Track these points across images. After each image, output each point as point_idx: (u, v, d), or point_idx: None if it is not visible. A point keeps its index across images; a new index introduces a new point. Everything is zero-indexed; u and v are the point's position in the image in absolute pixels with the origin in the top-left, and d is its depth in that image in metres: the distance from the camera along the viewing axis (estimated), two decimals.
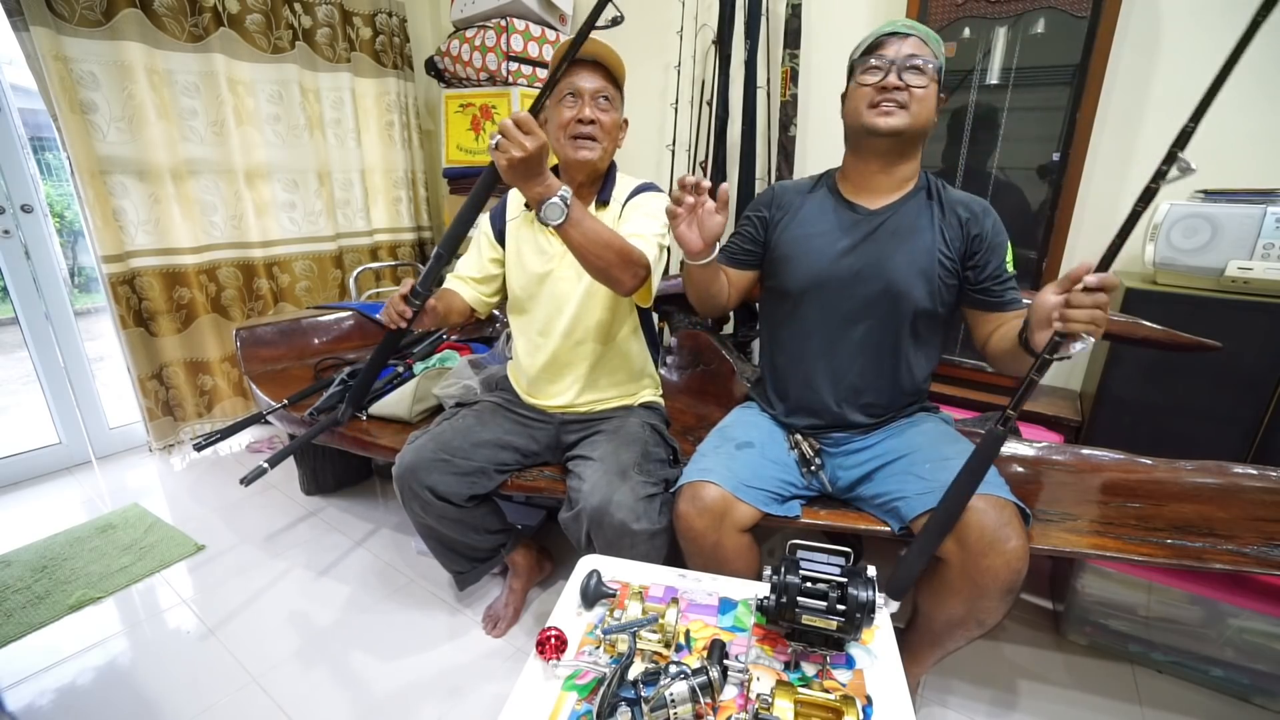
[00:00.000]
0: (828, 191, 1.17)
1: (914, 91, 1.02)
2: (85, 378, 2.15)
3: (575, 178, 1.25)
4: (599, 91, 1.18)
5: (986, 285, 1.08)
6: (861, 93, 1.06)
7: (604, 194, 1.27)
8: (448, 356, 1.76)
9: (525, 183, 0.98)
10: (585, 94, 1.18)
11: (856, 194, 1.14)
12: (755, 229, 1.22)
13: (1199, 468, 1.23)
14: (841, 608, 0.73)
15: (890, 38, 1.05)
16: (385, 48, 2.59)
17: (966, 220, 1.08)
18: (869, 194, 1.13)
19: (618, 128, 1.25)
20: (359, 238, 2.66)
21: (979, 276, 1.08)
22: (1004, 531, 0.89)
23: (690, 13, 2.13)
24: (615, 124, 1.23)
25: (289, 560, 1.66)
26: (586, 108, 1.17)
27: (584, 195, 1.27)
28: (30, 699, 1.23)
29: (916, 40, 1.03)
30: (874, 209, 1.12)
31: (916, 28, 1.05)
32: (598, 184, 1.28)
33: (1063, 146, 1.60)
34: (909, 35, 1.04)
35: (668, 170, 2.31)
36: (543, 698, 0.72)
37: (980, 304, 1.10)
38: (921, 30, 1.05)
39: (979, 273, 1.08)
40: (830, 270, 1.11)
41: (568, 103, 1.18)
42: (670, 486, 1.15)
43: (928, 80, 1.03)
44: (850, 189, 1.15)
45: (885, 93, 1.03)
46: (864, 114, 1.05)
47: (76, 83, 1.80)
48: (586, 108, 1.17)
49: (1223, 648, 1.23)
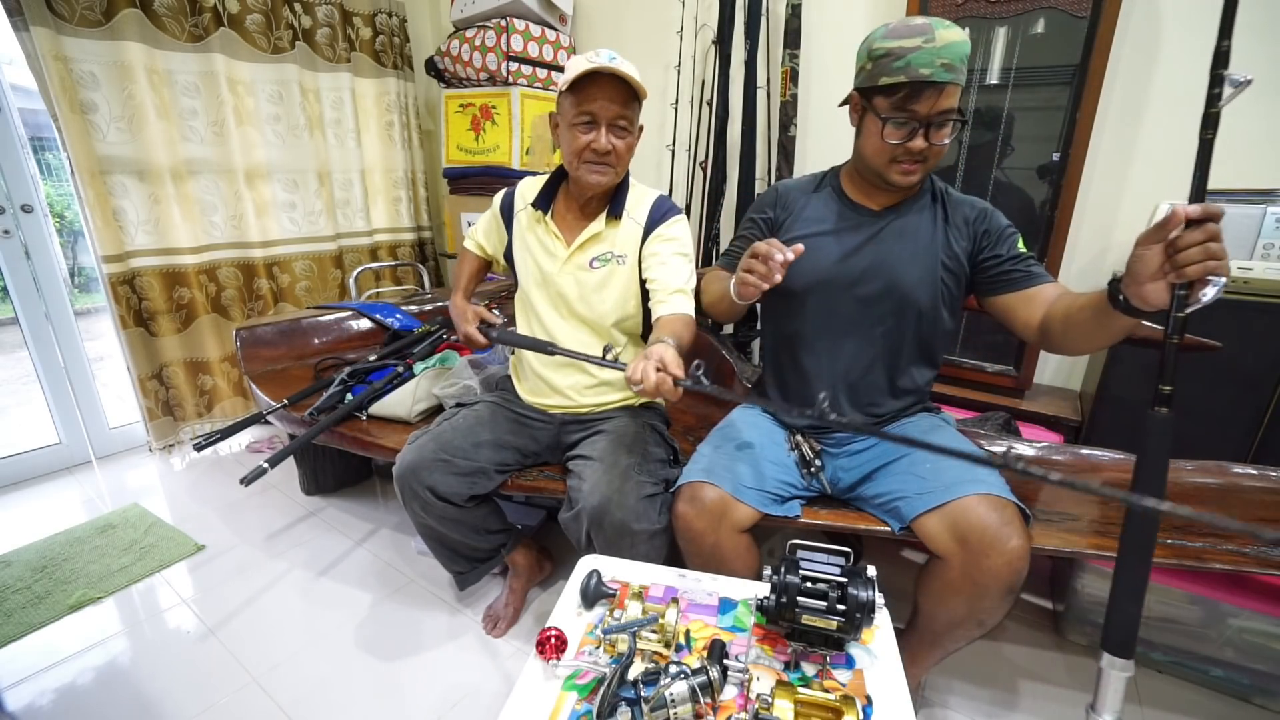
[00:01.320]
0: (831, 191, 1.17)
1: (931, 150, 0.99)
2: (85, 378, 2.15)
3: (584, 193, 1.23)
4: (618, 117, 1.12)
5: (1008, 268, 1.05)
6: (884, 147, 0.99)
7: (615, 208, 1.24)
8: (448, 356, 1.76)
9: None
10: (603, 121, 1.11)
11: (861, 196, 1.13)
12: (762, 231, 1.20)
13: (1199, 468, 1.23)
14: (841, 608, 0.73)
15: (926, 89, 0.92)
16: (385, 48, 2.59)
17: (973, 219, 1.08)
18: (873, 197, 1.12)
19: (632, 149, 1.19)
20: (359, 238, 2.66)
21: (999, 264, 1.06)
22: (1005, 531, 0.89)
23: (690, 13, 2.13)
24: (631, 146, 1.18)
25: (289, 560, 1.66)
26: (603, 136, 1.12)
27: (593, 209, 1.25)
28: (30, 699, 1.23)
29: (952, 89, 0.93)
30: (878, 210, 1.11)
31: (954, 63, 0.91)
32: (609, 196, 1.26)
33: (1063, 146, 1.60)
34: (946, 85, 0.92)
35: (668, 170, 2.31)
36: (543, 698, 0.72)
37: (1010, 285, 1.05)
38: (958, 59, 0.91)
39: (998, 261, 1.06)
40: (834, 271, 1.11)
41: (582, 127, 1.13)
42: (670, 486, 1.15)
43: (952, 127, 0.97)
44: (855, 191, 1.14)
45: (910, 154, 0.99)
46: (884, 167, 1.02)
47: (76, 83, 1.80)
48: (603, 136, 1.12)
49: (1223, 648, 1.23)
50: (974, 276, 1.10)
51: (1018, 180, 1.71)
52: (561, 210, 1.28)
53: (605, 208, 1.25)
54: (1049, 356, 1.88)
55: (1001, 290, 1.07)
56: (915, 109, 0.95)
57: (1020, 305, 1.04)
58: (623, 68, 1.08)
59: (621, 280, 1.26)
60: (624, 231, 1.25)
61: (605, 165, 1.16)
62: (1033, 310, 1.02)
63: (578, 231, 1.25)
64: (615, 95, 1.10)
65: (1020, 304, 1.04)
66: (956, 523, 0.92)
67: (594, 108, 1.11)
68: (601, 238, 1.25)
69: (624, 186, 1.26)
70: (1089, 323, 0.91)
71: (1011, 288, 1.05)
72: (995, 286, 1.08)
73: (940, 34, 0.92)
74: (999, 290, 1.07)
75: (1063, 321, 0.96)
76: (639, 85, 1.11)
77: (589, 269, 1.25)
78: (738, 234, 1.26)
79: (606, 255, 1.25)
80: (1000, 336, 1.83)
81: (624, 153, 1.17)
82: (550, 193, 1.27)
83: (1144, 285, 0.77)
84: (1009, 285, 1.05)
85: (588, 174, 1.17)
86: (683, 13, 2.12)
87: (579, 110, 1.11)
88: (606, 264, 1.25)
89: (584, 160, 1.15)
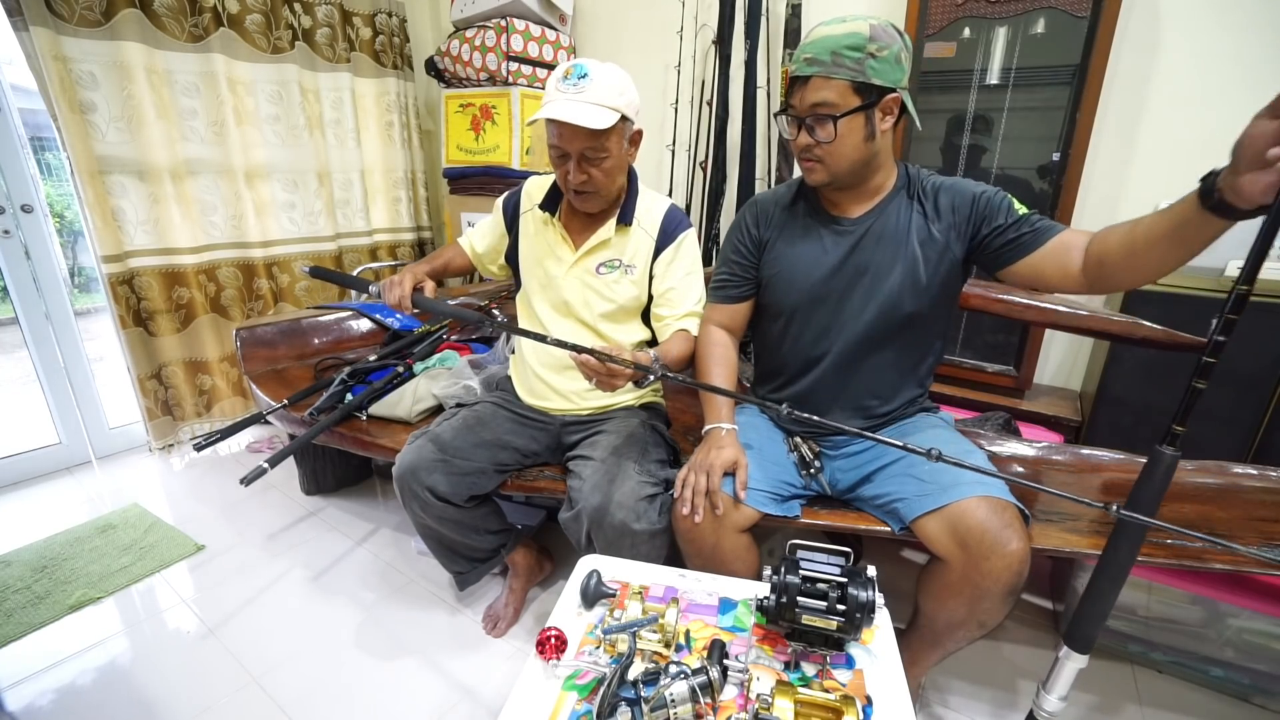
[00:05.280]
0: (807, 205, 1.15)
1: (822, 149, 0.99)
2: (85, 378, 2.15)
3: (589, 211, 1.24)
4: (586, 149, 1.10)
5: (1013, 235, 0.99)
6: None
7: (625, 215, 1.24)
8: (448, 356, 1.76)
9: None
10: (573, 154, 1.11)
11: (836, 206, 1.12)
12: (749, 255, 1.19)
13: (1199, 468, 1.23)
14: (841, 608, 0.73)
15: (795, 84, 0.98)
16: (385, 48, 2.59)
17: (958, 204, 1.04)
18: (847, 205, 1.11)
19: (620, 168, 1.18)
20: (359, 238, 2.66)
21: (1002, 233, 1.00)
22: (1005, 534, 0.89)
23: (690, 13, 2.13)
24: (616, 164, 1.16)
25: (289, 560, 1.66)
26: (573, 170, 1.12)
27: (602, 217, 1.25)
28: (30, 699, 1.23)
29: (817, 81, 0.95)
30: (856, 217, 1.10)
31: (818, 56, 0.94)
32: (617, 203, 1.25)
33: (1063, 146, 1.60)
34: (810, 78, 0.95)
35: (668, 170, 2.31)
36: (543, 698, 0.72)
37: (1023, 249, 0.98)
38: (824, 53, 0.94)
39: (1000, 230, 1.00)
40: (818, 290, 1.11)
41: (556, 160, 1.13)
42: (670, 487, 1.15)
43: (832, 133, 0.96)
44: (830, 201, 1.13)
45: (802, 150, 1.01)
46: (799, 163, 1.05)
47: (76, 83, 1.80)
48: (573, 170, 1.12)
49: (1223, 648, 1.23)
50: (981, 256, 1.04)
51: (1018, 180, 1.71)
52: (570, 213, 1.28)
53: (615, 214, 1.25)
54: (1049, 356, 1.89)
55: (1018, 256, 0.99)
56: (791, 103, 1.00)
57: (1046, 262, 0.96)
58: (590, 92, 1.05)
59: (627, 290, 1.26)
60: (634, 241, 1.25)
61: (586, 195, 1.17)
62: (1066, 260, 0.94)
63: (586, 236, 1.25)
64: (579, 130, 1.07)
65: (1045, 261, 0.96)
66: (956, 525, 0.92)
67: (560, 143, 1.10)
68: (610, 244, 1.25)
69: (633, 192, 1.26)
70: (1167, 238, 0.80)
71: (1025, 251, 0.98)
72: (1008, 256, 1.00)
73: (818, 30, 0.97)
74: (1016, 257, 0.99)
75: (1124, 250, 0.86)
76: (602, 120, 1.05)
77: (595, 274, 1.25)
78: (724, 258, 1.23)
79: (614, 262, 1.25)
80: (1000, 336, 1.83)
81: (602, 179, 1.15)
82: (558, 194, 1.27)
83: (1243, 175, 0.67)
84: (1021, 250, 0.98)
85: (574, 200, 1.19)
86: (683, 13, 2.12)
87: (550, 143, 1.12)
88: (614, 270, 1.25)
89: (568, 188, 1.17)
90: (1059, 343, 1.88)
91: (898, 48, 0.95)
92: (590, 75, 1.07)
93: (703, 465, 1.06)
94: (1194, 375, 0.74)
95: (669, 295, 1.25)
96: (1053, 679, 0.92)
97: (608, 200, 1.21)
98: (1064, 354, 1.90)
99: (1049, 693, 0.93)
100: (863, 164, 1.02)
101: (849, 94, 0.95)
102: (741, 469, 1.05)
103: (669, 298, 1.25)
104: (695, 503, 1.04)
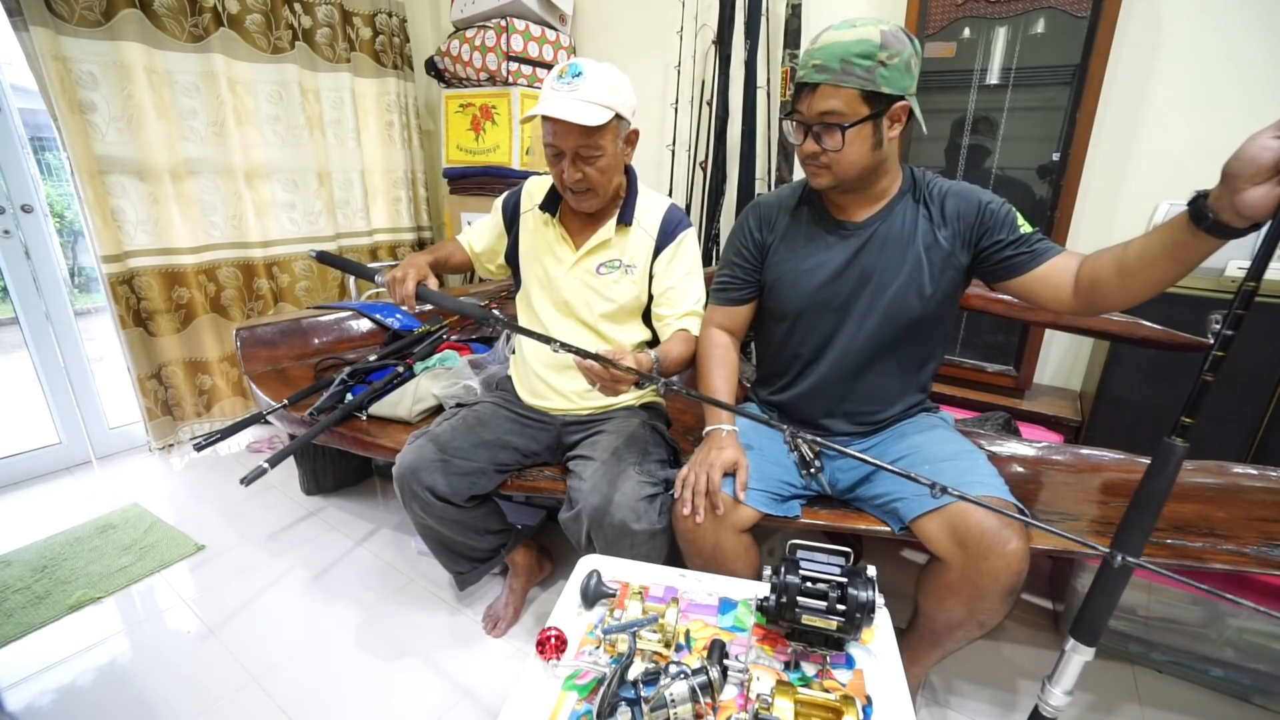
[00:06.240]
0: (812, 208, 1.14)
1: (829, 155, 0.99)
2: (85, 378, 2.15)
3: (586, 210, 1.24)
4: (580, 148, 1.10)
5: (1010, 253, 1.00)
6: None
7: (625, 215, 1.24)
8: (448, 357, 1.76)
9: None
10: (567, 153, 1.11)
11: (841, 210, 1.11)
12: (752, 258, 1.18)
13: (1199, 468, 1.23)
14: (841, 608, 0.73)
15: (803, 91, 0.97)
16: (385, 48, 2.59)
17: (964, 212, 1.04)
18: (852, 209, 1.10)
19: (615, 167, 1.17)
20: (359, 237, 2.66)
21: (1000, 249, 1.01)
22: (1004, 534, 0.89)
23: (690, 13, 2.13)
24: (611, 163, 1.15)
25: (289, 560, 1.66)
26: (568, 168, 1.12)
27: (603, 214, 1.25)
28: (30, 699, 1.23)
29: (826, 89, 0.94)
30: (860, 220, 1.09)
31: (827, 63, 0.93)
32: (616, 203, 1.25)
33: (1063, 146, 1.60)
34: (819, 85, 0.94)
35: (668, 170, 2.31)
36: (543, 698, 0.72)
37: (1016, 269, 1.00)
38: (833, 60, 0.92)
39: (999, 246, 1.00)
40: (822, 295, 1.11)
41: (552, 159, 1.13)
42: (670, 487, 1.15)
43: (840, 142, 0.96)
44: (834, 204, 1.12)
45: (809, 156, 1.01)
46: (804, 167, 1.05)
47: (76, 83, 1.80)
48: (568, 168, 1.12)
49: (1223, 648, 1.23)
50: (979, 267, 1.05)
51: (1018, 180, 1.71)
52: (570, 213, 1.28)
53: (615, 214, 1.25)
54: (1048, 356, 1.89)
55: (1011, 274, 1.01)
56: (799, 109, 0.99)
57: (1039, 284, 0.98)
58: (583, 90, 1.05)
59: (628, 290, 1.26)
60: (634, 241, 1.25)
61: (581, 193, 1.17)
62: (1058, 284, 0.96)
63: (586, 236, 1.25)
64: (572, 127, 1.06)
65: (1038, 282, 0.98)
66: (956, 525, 0.92)
67: (554, 140, 1.10)
68: (610, 244, 1.25)
69: (633, 192, 1.26)
70: (1159, 260, 0.81)
71: (1019, 270, 0.99)
72: (1003, 272, 1.02)
73: (827, 35, 0.95)
74: (1010, 274, 1.01)
75: (1117, 272, 0.88)
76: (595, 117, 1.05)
77: (596, 274, 1.25)
78: (726, 260, 1.23)
79: (614, 262, 1.25)
80: (1000, 336, 1.83)
81: (597, 177, 1.14)
82: (558, 194, 1.27)
83: (1244, 192, 0.66)
84: (1015, 269, 1.00)
85: (570, 199, 1.19)
86: (683, 13, 2.12)
87: (545, 141, 1.12)
88: (614, 270, 1.25)
89: (564, 186, 1.17)
90: (1059, 343, 1.88)
91: (908, 54, 0.94)
92: (584, 74, 1.07)
93: (703, 465, 1.06)
94: (1202, 369, 0.73)
95: (669, 294, 1.25)
96: (1059, 672, 0.91)
97: (604, 200, 1.21)
98: (1064, 354, 1.90)
99: (1054, 686, 0.92)
100: (869, 170, 1.02)
101: (858, 103, 0.94)
102: (742, 469, 1.05)
103: (669, 297, 1.25)
104: (695, 503, 1.04)
